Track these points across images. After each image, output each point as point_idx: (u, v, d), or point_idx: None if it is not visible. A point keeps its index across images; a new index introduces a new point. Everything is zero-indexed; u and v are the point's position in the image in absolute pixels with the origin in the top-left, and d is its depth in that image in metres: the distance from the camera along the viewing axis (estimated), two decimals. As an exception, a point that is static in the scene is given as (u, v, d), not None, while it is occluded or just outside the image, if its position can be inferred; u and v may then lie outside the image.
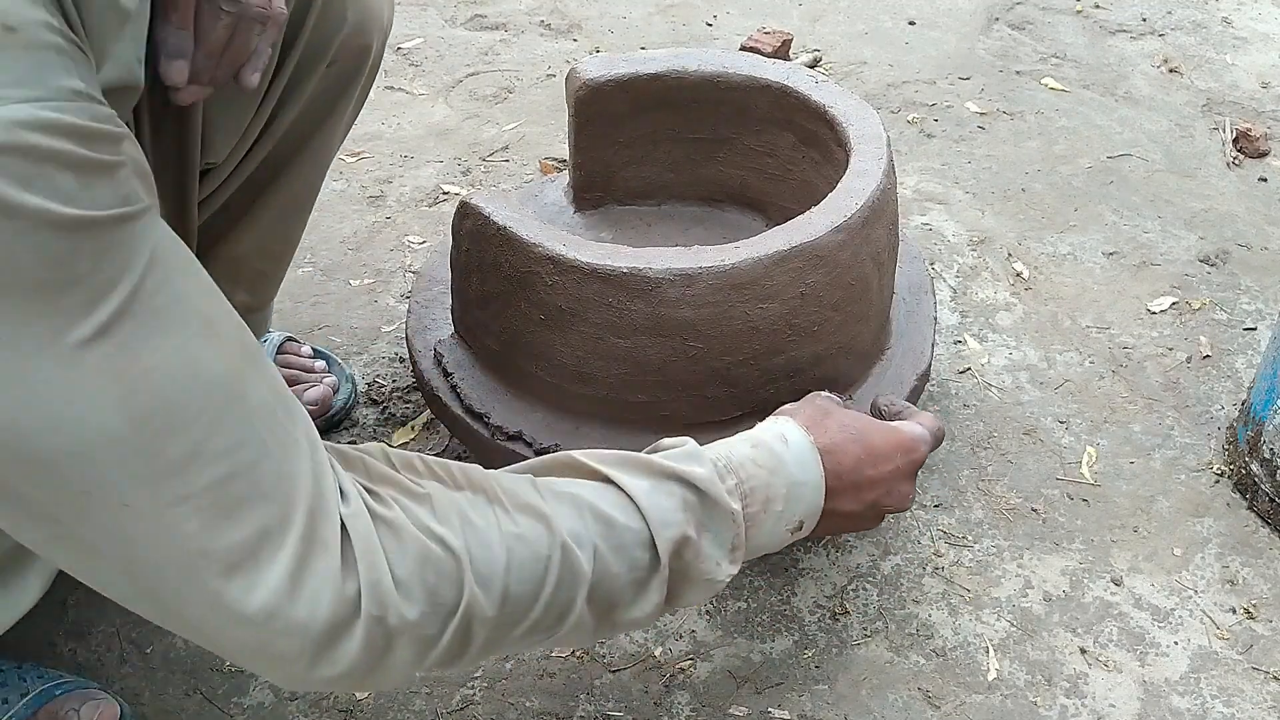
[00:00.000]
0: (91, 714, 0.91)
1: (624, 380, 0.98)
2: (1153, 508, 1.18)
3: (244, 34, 0.79)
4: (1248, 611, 1.08)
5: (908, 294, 1.18)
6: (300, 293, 1.42)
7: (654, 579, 0.77)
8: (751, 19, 2.08)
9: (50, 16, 0.56)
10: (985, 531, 1.15)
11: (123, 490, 0.60)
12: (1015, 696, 1.00)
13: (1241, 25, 2.12)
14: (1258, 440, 1.16)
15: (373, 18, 1.02)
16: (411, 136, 1.74)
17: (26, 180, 0.53)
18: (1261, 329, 1.40)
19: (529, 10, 2.11)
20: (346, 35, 0.99)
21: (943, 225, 1.57)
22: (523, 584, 0.71)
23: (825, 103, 1.13)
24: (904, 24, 2.10)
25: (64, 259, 0.55)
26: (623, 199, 1.29)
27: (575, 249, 0.95)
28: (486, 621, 0.71)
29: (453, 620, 0.69)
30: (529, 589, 0.72)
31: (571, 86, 1.20)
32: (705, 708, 0.99)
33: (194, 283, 0.63)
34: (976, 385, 1.31)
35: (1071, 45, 2.04)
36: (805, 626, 1.06)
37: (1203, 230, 1.58)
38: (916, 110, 1.84)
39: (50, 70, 0.55)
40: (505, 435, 1.02)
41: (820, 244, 0.96)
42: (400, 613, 0.67)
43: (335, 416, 1.24)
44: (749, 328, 0.96)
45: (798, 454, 0.84)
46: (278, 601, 0.63)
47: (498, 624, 0.71)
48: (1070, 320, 1.41)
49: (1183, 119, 1.83)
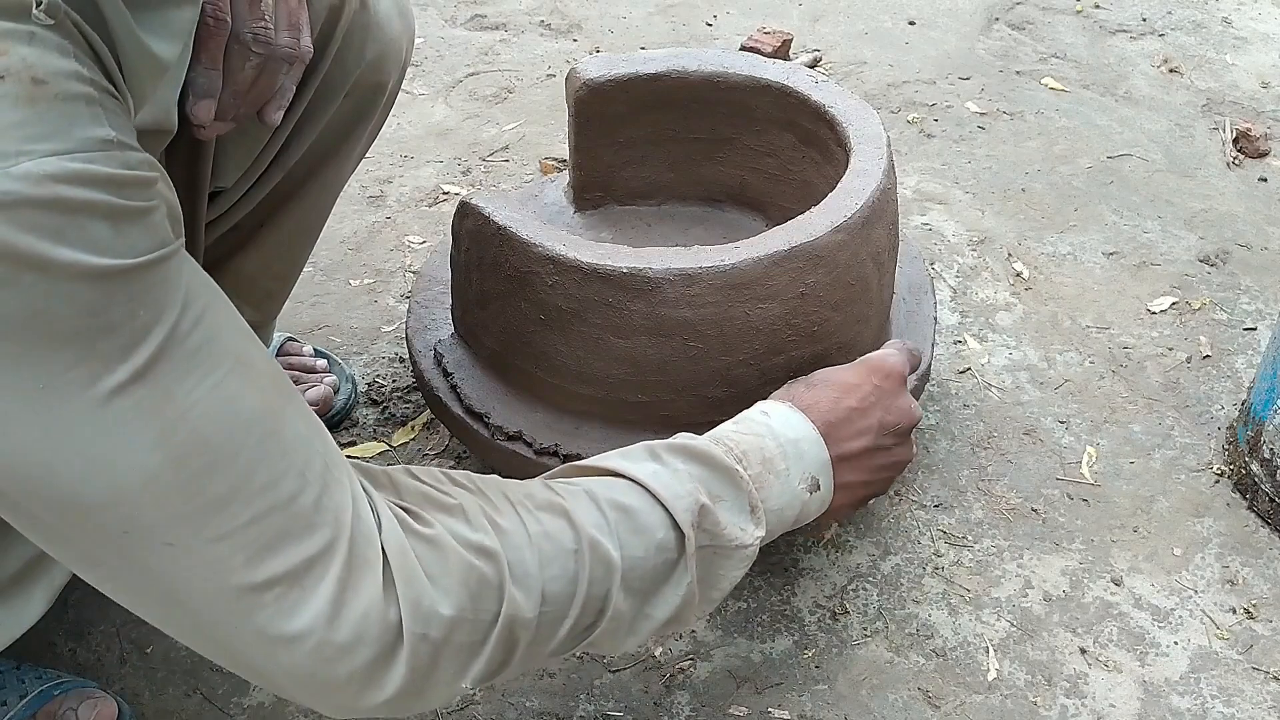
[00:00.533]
0: (89, 713, 0.91)
1: (624, 380, 0.98)
2: (1153, 508, 1.18)
3: (271, 73, 0.79)
4: (1248, 611, 1.08)
5: (908, 294, 1.18)
6: (300, 293, 1.42)
7: (682, 558, 0.77)
8: (751, 19, 2.08)
9: (81, 66, 0.56)
10: (985, 531, 1.15)
11: (164, 530, 0.60)
12: (1015, 696, 1.00)
13: (1241, 25, 2.12)
14: (1258, 440, 1.16)
15: (391, 55, 1.02)
16: (411, 136, 1.74)
17: (59, 233, 0.54)
18: (1261, 329, 1.40)
19: (529, 10, 2.11)
20: (364, 71, 0.99)
21: (943, 225, 1.57)
22: (557, 580, 0.72)
23: (825, 103, 1.13)
24: (904, 24, 2.10)
25: (99, 308, 0.56)
26: (623, 199, 1.29)
27: (575, 249, 0.95)
28: (528, 624, 0.71)
29: (495, 626, 0.69)
30: (564, 586, 0.72)
31: (571, 86, 1.20)
32: (705, 708, 0.99)
33: (225, 318, 0.64)
34: (976, 385, 1.31)
35: (1071, 45, 2.04)
36: (805, 626, 1.06)
37: (1203, 230, 1.58)
38: (916, 110, 1.84)
39: (79, 121, 0.55)
40: (505, 435, 1.02)
41: (820, 244, 0.96)
42: (444, 626, 0.67)
43: (335, 416, 1.24)
44: (749, 328, 0.96)
45: (780, 417, 0.86)
46: (323, 629, 0.64)
47: (539, 625, 0.72)
48: (1070, 320, 1.41)
49: (1183, 119, 1.83)
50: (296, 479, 0.64)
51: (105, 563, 0.62)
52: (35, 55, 0.54)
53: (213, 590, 0.62)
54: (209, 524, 0.61)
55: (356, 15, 0.96)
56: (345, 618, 0.64)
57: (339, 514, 0.65)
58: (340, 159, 1.06)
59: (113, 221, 0.56)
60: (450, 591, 0.68)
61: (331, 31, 0.94)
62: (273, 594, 0.63)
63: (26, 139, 0.53)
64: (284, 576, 0.63)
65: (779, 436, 0.85)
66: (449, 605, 0.67)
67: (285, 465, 0.63)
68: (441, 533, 0.69)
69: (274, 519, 0.63)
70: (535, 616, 0.71)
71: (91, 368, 0.56)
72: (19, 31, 0.54)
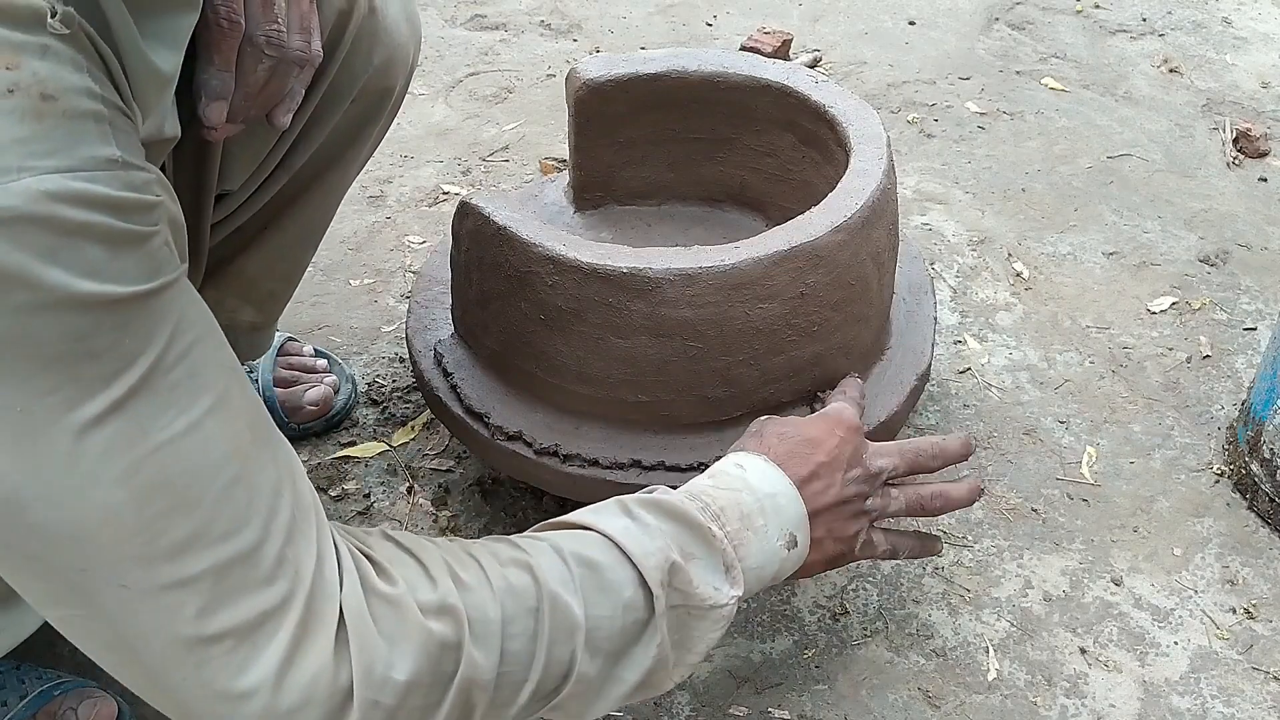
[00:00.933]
0: (89, 712, 0.91)
1: (624, 380, 0.98)
2: (1153, 508, 1.18)
3: (282, 76, 0.79)
4: (1248, 611, 1.08)
5: (908, 294, 1.18)
6: (301, 293, 1.41)
7: (652, 618, 0.74)
8: (751, 19, 2.08)
9: (93, 82, 0.55)
10: (985, 531, 1.15)
11: (120, 571, 0.59)
12: (1015, 696, 1.00)
13: (1241, 25, 2.12)
14: (1258, 440, 1.16)
15: (399, 60, 1.01)
16: (411, 136, 1.74)
17: (52, 253, 0.53)
18: (1261, 329, 1.40)
19: (529, 10, 2.11)
20: (371, 76, 0.99)
21: (943, 225, 1.57)
22: (517, 639, 0.69)
23: (825, 103, 1.13)
24: (904, 24, 2.10)
25: (83, 335, 0.55)
26: (623, 199, 1.29)
27: (575, 249, 0.95)
28: (485, 686, 0.68)
29: (451, 688, 0.67)
30: (525, 644, 0.70)
31: (571, 86, 1.20)
32: (705, 708, 0.99)
33: (211, 352, 0.62)
34: (976, 385, 1.31)
35: (1071, 45, 2.04)
36: (805, 626, 1.06)
37: (1203, 230, 1.58)
38: (916, 110, 1.84)
39: (86, 139, 0.54)
40: (505, 435, 1.02)
41: (820, 244, 0.96)
42: (397, 692, 0.65)
43: (335, 417, 1.24)
44: (749, 328, 0.96)
45: (756, 471, 0.84)
46: (270, 689, 0.62)
47: (498, 686, 0.69)
48: (1070, 320, 1.41)
49: (1183, 119, 1.83)
50: (259, 529, 0.62)
51: (60, 599, 0.61)
52: (47, 70, 0.53)
53: (163, 639, 0.60)
54: (164, 569, 0.59)
55: (365, 20, 0.96)
56: (294, 679, 0.62)
57: (300, 568, 0.63)
58: (345, 163, 1.06)
59: (109, 246, 0.55)
60: (407, 655, 0.65)
61: (340, 36, 0.94)
62: (222, 647, 0.61)
63: (30, 155, 0.52)
64: (235, 630, 0.61)
65: (756, 491, 0.82)
66: (404, 670, 0.65)
67: (249, 514, 0.62)
68: (404, 592, 0.67)
69: (231, 570, 0.61)
70: (493, 678, 0.68)
71: (70, 395, 0.55)
72: (32, 45, 0.53)
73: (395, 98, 1.04)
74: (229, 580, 0.61)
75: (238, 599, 0.61)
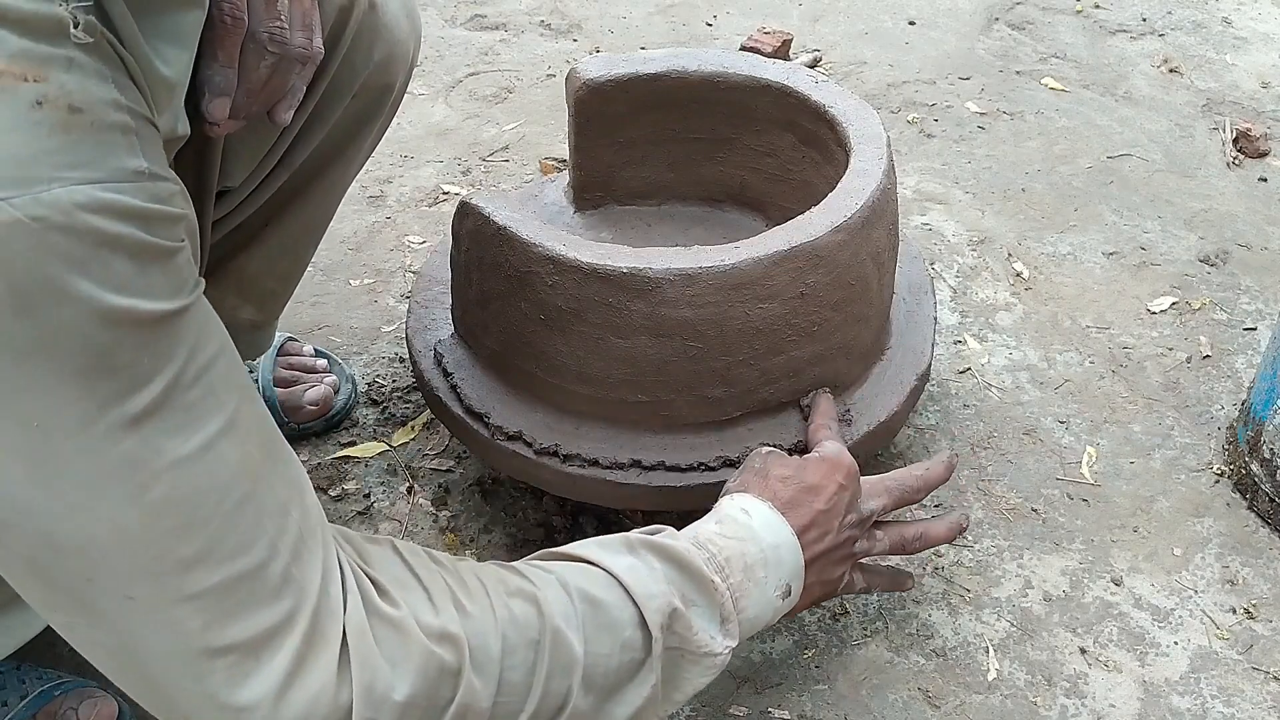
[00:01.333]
0: (89, 712, 0.91)
1: (624, 380, 0.98)
2: (1153, 508, 1.18)
3: (284, 73, 0.79)
4: (1248, 611, 1.08)
5: (908, 294, 1.18)
6: (301, 293, 1.41)
7: (648, 658, 0.75)
8: (751, 19, 2.08)
9: (119, 93, 0.56)
10: (985, 531, 1.15)
11: (127, 584, 0.59)
12: (1015, 696, 1.00)
13: (1241, 25, 2.12)
14: (1258, 440, 1.16)
15: (399, 56, 1.01)
16: (411, 136, 1.74)
17: (81, 264, 0.53)
18: (1261, 329, 1.40)
19: (529, 10, 2.11)
20: (372, 72, 0.99)
21: (943, 225, 1.57)
22: (516, 670, 0.70)
23: (825, 103, 1.13)
24: (904, 24, 2.10)
25: (106, 349, 0.55)
26: (623, 199, 1.29)
27: (575, 249, 0.95)
28: (481, 714, 0.69)
29: (448, 712, 0.67)
30: (523, 676, 0.70)
31: (571, 86, 1.20)
32: (705, 708, 0.99)
33: (226, 370, 0.63)
34: (976, 385, 1.31)
35: (1071, 45, 2.04)
36: (805, 626, 1.06)
37: (1203, 230, 1.58)
38: (916, 110, 1.84)
39: (114, 151, 0.55)
40: (505, 435, 1.02)
41: (820, 244, 0.96)
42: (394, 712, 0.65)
43: (335, 417, 1.24)
44: (749, 328, 0.96)
45: (763, 520, 0.84)
46: (271, 704, 0.62)
47: (493, 716, 0.70)
48: (1070, 320, 1.41)
49: (1183, 119, 1.83)
50: (267, 548, 0.62)
51: (64, 606, 0.61)
52: (74, 82, 0.53)
53: (167, 650, 0.61)
54: (173, 584, 0.60)
55: (366, 16, 0.96)
56: (295, 695, 0.63)
57: (306, 586, 0.64)
58: (346, 160, 1.06)
59: (137, 260, 0.55)
60: (407, 677, 0.66)
61: (341, 32, 0.94)
62: (226, 661, 0.61)
63: (60, 166, 0.52)
64: (240, 645, 0.61)
65: (761, 542, 0.83)
66: (403, 691, 0.65)
67: (258, 533, 0.62)
68: (406, 615, 0.68)
69: (238, 586, 0.61)
70: (490, 706, 0.69)
71: (88, 408, 0.55)
72: (58, 57, 0.53)
73: (396, 94, 1.05)
74: (235, 596, 0.61)
75: (243, 614, 0.62)
